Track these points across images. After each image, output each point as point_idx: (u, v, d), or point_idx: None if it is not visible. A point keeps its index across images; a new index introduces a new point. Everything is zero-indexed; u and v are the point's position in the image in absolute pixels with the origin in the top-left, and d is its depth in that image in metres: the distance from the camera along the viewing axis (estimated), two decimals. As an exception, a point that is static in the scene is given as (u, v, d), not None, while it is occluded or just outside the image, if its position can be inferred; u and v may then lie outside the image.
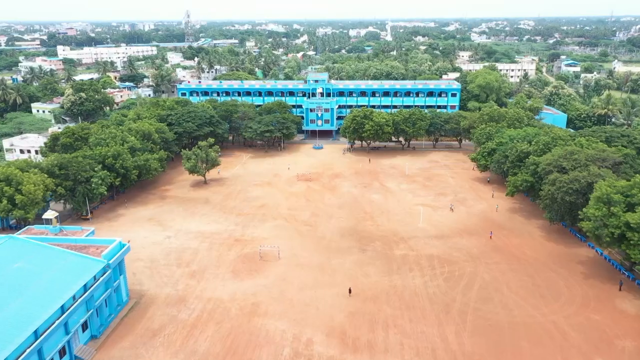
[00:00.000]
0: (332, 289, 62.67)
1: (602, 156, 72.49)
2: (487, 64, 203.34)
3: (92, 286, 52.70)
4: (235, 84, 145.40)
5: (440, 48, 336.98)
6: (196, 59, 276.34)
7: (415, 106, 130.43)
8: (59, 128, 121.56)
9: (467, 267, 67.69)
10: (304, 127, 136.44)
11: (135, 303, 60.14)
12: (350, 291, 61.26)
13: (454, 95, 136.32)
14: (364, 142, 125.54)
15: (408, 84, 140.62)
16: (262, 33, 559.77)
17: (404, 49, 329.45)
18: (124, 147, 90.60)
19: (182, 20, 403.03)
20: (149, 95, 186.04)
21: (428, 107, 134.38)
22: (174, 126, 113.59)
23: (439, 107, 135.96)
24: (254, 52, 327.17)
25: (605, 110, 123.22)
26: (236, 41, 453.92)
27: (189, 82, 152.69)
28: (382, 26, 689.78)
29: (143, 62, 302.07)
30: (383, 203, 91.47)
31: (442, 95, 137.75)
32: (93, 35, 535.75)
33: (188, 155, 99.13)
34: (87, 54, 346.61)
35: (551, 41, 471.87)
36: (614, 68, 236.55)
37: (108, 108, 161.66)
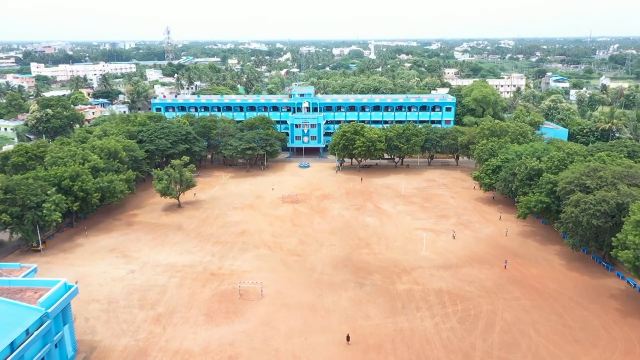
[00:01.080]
0: (327, 334, 52.09)
1: (630, 173, 63.92)
2: (477, 79, 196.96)
3: (23, 343, 41.29)
4: (214, 99, 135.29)
5: (426, 65, 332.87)
6: (176, 75, 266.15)
7: (408, 121, 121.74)
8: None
9: (483, 304, 57.77)
10: (289, 145, 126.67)
11: (83, 359, 48.64)
12: (348, 338, 50.74)
13: (448, 109, 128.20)
14: (353, 159, 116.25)
15: (400, 98, 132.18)
16: (244, 51, 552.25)
17: (388, 65, 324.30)
18: (84, 166, 79.44)
19: (163, 38, 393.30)
20: (124, 112, 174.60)
21: (421, 122, 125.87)
22: (145, 143, 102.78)
23: (432, 122, 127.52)
24: (236, 69, 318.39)
25: (610, 124, 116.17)
26: (218, 59, 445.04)
27: (164, 96, 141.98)
28: (365, 45, 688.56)
29: (121, 79, 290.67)
30: (379, 227, 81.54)
31: (436, 109, 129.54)
32: (71, 53, 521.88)
33: (160, 175, 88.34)
34: (63, 72, 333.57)
35: (533, 59, 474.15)
36: (602, 84, 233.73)
37: (78, 125, 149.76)
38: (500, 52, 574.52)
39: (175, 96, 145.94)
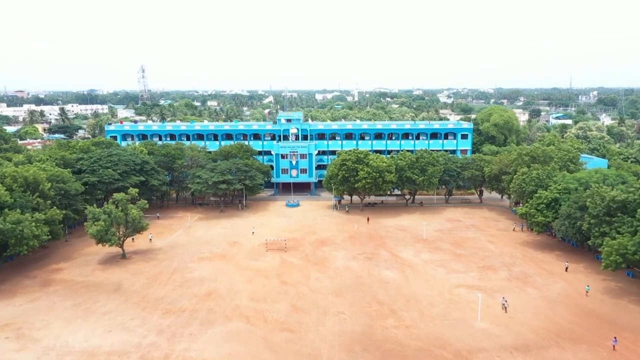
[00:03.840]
0: None
1: None
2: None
3: None
4: (182, 125, 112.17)
5: (414, 106, 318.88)
6: (149, 113, 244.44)
7: (417, 151, 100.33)
8: None
9: (613, 421, 33.66)
10: (274, 180, 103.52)
11: None
12: None
13: (464, 137, 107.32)
14: (353, 196, 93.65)
15: (406, 124, 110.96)
16: (225, 96, 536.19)
17: (376, 105, 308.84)
18: (-24, 200, 54.72)
19: (138, 76, 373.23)
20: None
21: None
22: (85, 174, 78.52)
23: (445, 152, 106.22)
24: (216, 108, 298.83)
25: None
26: (198, 103, 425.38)
27: (121, 122, 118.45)
28: (347, 93, 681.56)
29: (91, 119, 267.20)
30: (404, 285, 57.64)
31: (449, 137, 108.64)
32: (43, 96, 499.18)
33: (96, 214, 63.81)
34: (26, 112, 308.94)
35: (518, 104, 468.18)
36: (603, 122, 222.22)
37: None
38: (484, 97, 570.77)
39: (135, 122, 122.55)
